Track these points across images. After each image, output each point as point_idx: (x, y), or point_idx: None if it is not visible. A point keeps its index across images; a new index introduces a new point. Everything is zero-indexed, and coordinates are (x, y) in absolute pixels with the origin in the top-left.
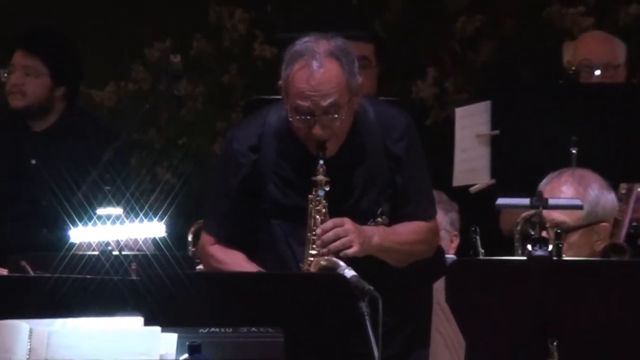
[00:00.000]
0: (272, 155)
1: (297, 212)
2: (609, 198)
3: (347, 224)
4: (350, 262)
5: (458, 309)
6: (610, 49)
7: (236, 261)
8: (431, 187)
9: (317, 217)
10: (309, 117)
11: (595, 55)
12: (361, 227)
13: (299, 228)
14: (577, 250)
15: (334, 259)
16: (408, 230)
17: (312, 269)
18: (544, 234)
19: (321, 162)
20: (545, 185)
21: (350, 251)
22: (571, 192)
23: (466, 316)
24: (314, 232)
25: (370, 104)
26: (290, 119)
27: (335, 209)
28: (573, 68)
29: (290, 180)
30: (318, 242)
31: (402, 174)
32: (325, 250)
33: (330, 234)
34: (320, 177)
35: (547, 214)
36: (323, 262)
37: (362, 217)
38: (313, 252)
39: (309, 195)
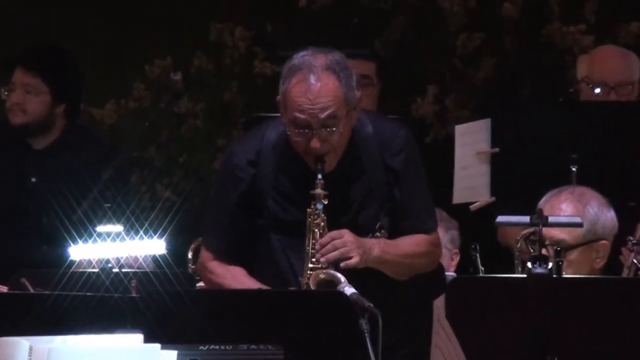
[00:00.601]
0: (271, 170)
1: (296, 226)
2: (609, 216)
3: (346, 235)
4: (351, 276)
5: (458, 326)
6: (626, 67)
7: (236, 276)
8: (431, 200)
9: (316, 230)
10: (307, 131)
11: (610, 74)
12: (361, 239)
13: (298, 242)
14: (577, 267)
15: (333, 272)
16: (409, 243)
17: (311, 283)
18: (543, 251)
19: (319, 176)
20: (545, 203)
21: (351, 262)
22: (570, 210)
23: (466, 333)
24: (312, 246)
25: (368, 118)
26: (289, 133)
27: (334, 223)
28: (571, 90)
29: (289, 195)
30: (317, 255)
31: (400, 188)
32: (323, 260)
33: (328, 247)
34: (319, 191)
35: (547, 231)
36: (322, 276)
37: (361, 232)
38: (312, 265)
39: (308, 209)
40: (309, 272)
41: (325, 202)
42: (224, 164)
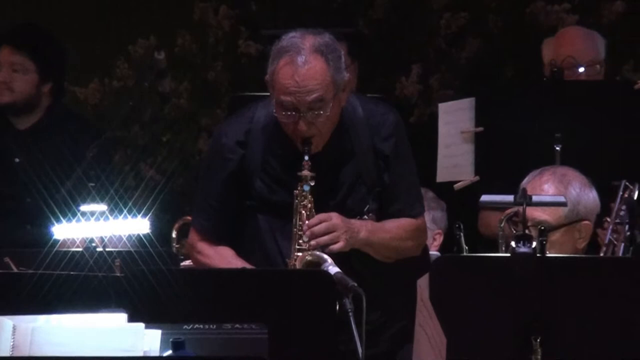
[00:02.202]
0: (260, 151)
1: (283, 207)
2: (591, 196)
3: (335, 218)
4: (338, 258)
5: (442, 305)
6: (594, 46)
7: (224, 257)
8: (419, 185)
9: (303, 212)
10: (293, 113)
11: (579, 52)
12: (349, 221)
13: (286, 224)
14: (560, 248)
15: (319, 253)
16: (396, 227)
17: (298, 264)
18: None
19: (306, 157)
20: (527, 184)
21: (335, 247)
22: (552, 191)
23: (450, 313)
24: (299, 228)
25: (359, 102)
26: (276, 115)
27: (322, 206)
28: (555, 69)
29: (277, 176)
30: (304, 237)
31: (389, 172)
32: (312, 243)
33: (316, 229)
34: (306, 173)
35: (529, 213)
36: (308, 257)
37: (349, 215)
38: (299, 247)
39: (295, 191)
40: (295, 253)
41: (312, 184)
42: (213, 144)
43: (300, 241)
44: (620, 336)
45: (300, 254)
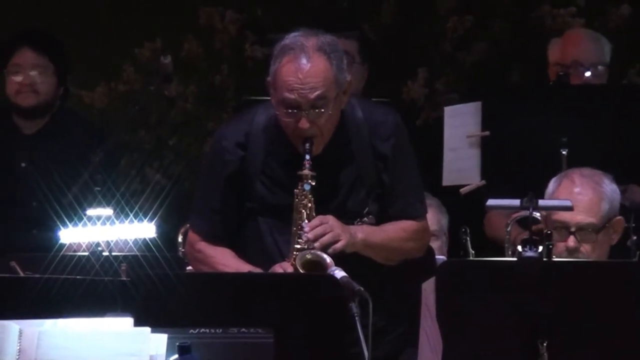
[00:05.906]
0: (260, 153)
1: (284, 209)
2: (618, 190)
3: (332, 220)
4: (341, 260)
5: (448, 309)
6: (599, 48)
7: (225, 257)
8: (421, 186)
9: (303, 211)
10: (295, 111)
11: (584, 54)
12: (344, 225)
13: (286, 225)
14: (601, 248)
15: (319, 252)
16: (396, 228)
17: (297, 263)
18: (570, 239)
19: (307, 157)
20: (557, 189)
21: (337, 245)
22: (590, 193)
23: (456, 317)
24: (299, 227)
25: (358, 103)
26: (278, 114)
27: (322, 208)
28: (562, 73)
29: (278, 178)
30: (303, 236)
31: (389, 173)
32: (317, 245)
33: (319, 229)
34: (306, 172)
35: (572, 217)
36: (308, 256)
37: (348, 217)
38: (298, 246)
39: (295, 190)
40: (294, 252)
41: (313, 183)
42: (212, 147)
43: (300, 240)
44: (627, 341)
45: (299, 252)
